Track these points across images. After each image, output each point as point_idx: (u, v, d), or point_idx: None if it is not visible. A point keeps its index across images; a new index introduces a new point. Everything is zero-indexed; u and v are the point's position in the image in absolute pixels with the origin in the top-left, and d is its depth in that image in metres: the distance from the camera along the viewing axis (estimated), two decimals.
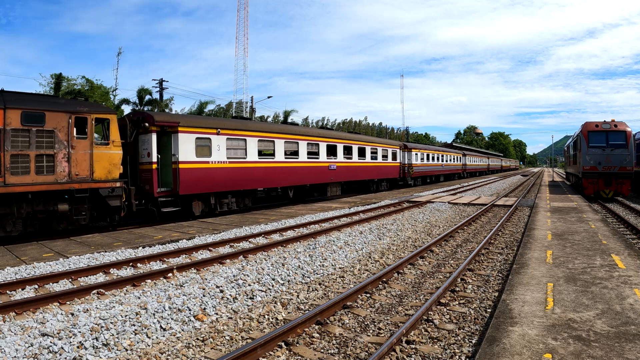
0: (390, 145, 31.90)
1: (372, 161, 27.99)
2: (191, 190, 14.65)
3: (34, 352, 4.67)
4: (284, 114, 54.77)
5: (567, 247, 9.15)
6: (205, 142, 15.29)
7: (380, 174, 29.39)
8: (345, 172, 24.26)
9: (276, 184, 18.83)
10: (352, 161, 25.27)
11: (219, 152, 15.67)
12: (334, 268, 8.67)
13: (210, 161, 15.31)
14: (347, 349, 5.05)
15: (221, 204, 16.11)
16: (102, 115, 12.53)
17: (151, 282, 7.49)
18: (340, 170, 23.58)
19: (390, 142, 33.50)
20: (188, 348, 5.04)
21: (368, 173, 27.54)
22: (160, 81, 39.02)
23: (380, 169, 29.49)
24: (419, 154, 37.60)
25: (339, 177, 23.65)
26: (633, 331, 4.62)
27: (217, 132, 15.63)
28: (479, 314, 6.05)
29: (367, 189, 28.61)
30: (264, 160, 18.04)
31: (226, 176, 15.84)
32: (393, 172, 31.78)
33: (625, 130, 22.14)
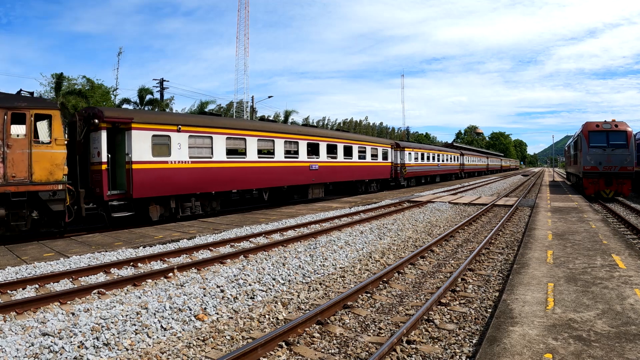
0: (380, 143, 29.81)
1: (359, 161, 26.08)
2: (147, 193, 13.32)
3: (35, 351, 4.68)
4: (284, 114, 54.80)
5: (567, 247, 9.14)
6: (164, 140, 13.89)
7: (369, 174, 27.53)
8: (329, 173, 22.51)
9: (248, 185, 17.30)
10: (337, 161, 23.46)
11: (179, 151, 14.25)
12: (335, 268, 8.67)
13: (170, 161, 13.92)
14: (347, 348, 5.05)
15: (184, 208, 14.72)
16: (43, 110, 11.34)
17: (152, 282, 7.49)
18: (323, 171, 21.84)
19: (381, 140, 31.39)
20: (189, 348, 5.04)
21: (355, 173, 25.66)
22: (161, 81, 39.06)
23: (369, 169, 27.51)
24: (413, 153, 35.82)
25: (322, 177, 21.84)
26: (633, 331, 4.62)
27: (178, 129, 14.22)
28: (479, 313, 6.05)
29: (355, 191, 27.01)
30: (233, 159, 16.47)
31: (189, 177, 14.45)
32: (384, 172, 29.78)
33: (626, 130, 22.13)
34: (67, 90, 33.48)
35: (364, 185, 27.60)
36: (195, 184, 14.79)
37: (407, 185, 35.13)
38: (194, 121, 15.45)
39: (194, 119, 15.99)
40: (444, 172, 46.93)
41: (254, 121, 24.49)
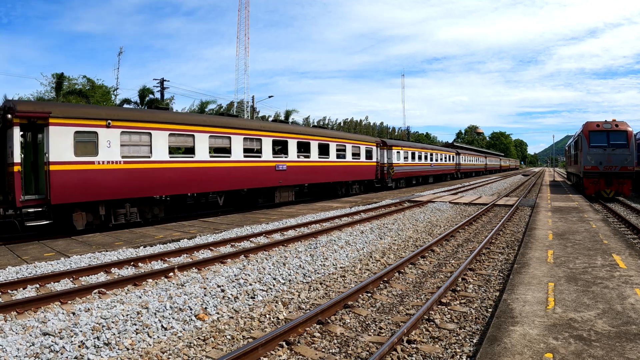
0: (363, 141, 27.23)
1: (338, 160, 23.63)
2: (69, 199, 11.61)
3: (36, 351, 4.68)
4: (284, 114, 54.81)
5: (568, 247, 9.14)
6: (90, 137, 12.03)
7: (350, 175, 25.03)
8: (300, 174, 20.09)
9: (198, 188, 15.16)
10: (310, 160, 20.96)
11: (109, 150, 12.34)
12: (335, 267, 8.67)
13: (97, 161, 12.08)
14: (348, 348, 5.05)
15: (116, 215, 12.91)
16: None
17: (152, 282, 7.50)
18: (292, 172, 19.45)
19: (364, 137, 28.75)
20: (189, 347, 5.04)
21: (333, 174, 23.19)
22: (161, 81, 39.07)
23: (350, 169, 25.02)
24: (402, 152, 33.21)
25: (291, 179, 19.48)
26: (634, 331, 4.62)
27: (107, 124, 12.32)
28: (480, 313, 6.05)
29: (334, 193, 24.64)
30: (179, 159, 14.48)
31: (121, 180, 12.59)
32: (367, 172, 27.16)
33: (627, 130, 22.12)
34: (68, 90, 33.50)
35: (344, 187, 25.40)
36: (130, 187, 12.92)
37: (396, 187, 32.91)
38: (128, 115, 13.42)
39: (128, 112, 13.86)
40: (438, 172, 44.54)
41: (205, 115, 22.08)
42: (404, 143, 36.26)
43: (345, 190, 25.53)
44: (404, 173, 33.68)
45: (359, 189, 27.23)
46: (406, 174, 34.42)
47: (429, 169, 40.51)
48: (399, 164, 32.45)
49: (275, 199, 18.94)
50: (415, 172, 36.61)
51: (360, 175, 26.38)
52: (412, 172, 35.90)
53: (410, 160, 35.08)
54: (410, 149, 35.52)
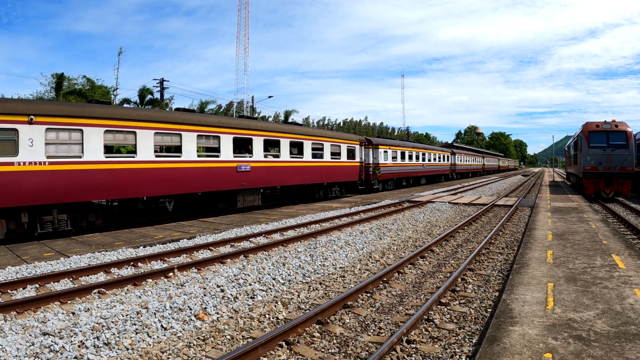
0: (344, 139, 24.74)
1: (315, 160, 21.33)
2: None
3: (35, 351, 4.68)
4: (284, 114, 54.85)
5: (567, 247, 9.15)
6: (8, 135, 10.66)
7: (328, 176, 22.63)
8: (267, 175, 18.03)
9: (139, 192, 13.33)
10: (279, 160, 18.88)
11: (31, 150, 10.91)
12: (335, 268, 8.68)
13: (17, 162, 10.67)
14: (347, 348, 5.06)
15: (42, 222, 11.44)
16: None
17: (152, 282, 7.50)
18: (258, 173, 17.41)
19: (345, 136, 26.22)
20: (189, 347, 5.05)
21: (307, 175, 20.85)
22: (161, 81, 39.09)
23: (329, 169, 22.56)
24: (390, 151, 30.77)
25: (257, 181, 17.45)
26: (633, 331, 4.62)
27: (30, 120, 10.87)
28: (479, 313, 6.06)
29: (311, 196, 22.39)
30: (116, 159, 12.71)
31: (46, 183, 11.11)
32: (349, 173, 24.74)
33: (626, 130, 22.15)
34: (68, 90, 33.51)
35: (322, 189, 23.05)
36: (58, 191, 11.39)
37: (383, 189, 30.51)
38: (54, 110, 11.64)
39: (55, 107, 12.00)
40: (431, 172, 41.99)
41: (151, 110, 20.03)
42: (392, 142, 33.31)
43: (323, 193, 23.19)
44: (392, 174, 31.42)
45: (340, 192, 24.98)
46: (395, 175, 32.13)
47: (420, 169, 38.23)
48: (387, 164, 30.13)
49: (237, 204, 16.85)
50: (405, 173, 34.40)
51: (340, 177, 24.04)
52: (402, 172, 33.65)
53: (399, 160, 32.84)
54: (399, 148, 33.11)
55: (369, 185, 28.81)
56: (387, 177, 30.53)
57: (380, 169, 28.79)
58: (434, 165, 42.61)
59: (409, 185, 36.49)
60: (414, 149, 37.10)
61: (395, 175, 32.17)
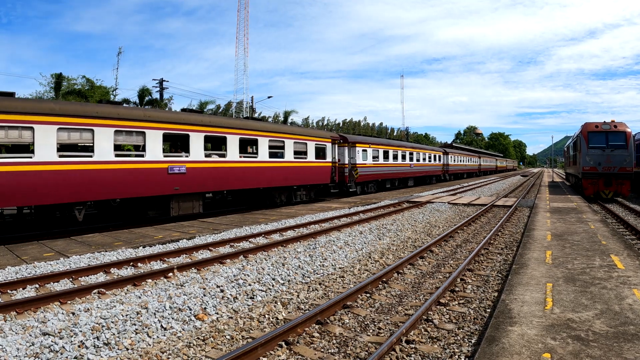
0: (312, 136, 21.76)
1: (272, 160, 18.57)
2: None
3: (35, 351, 4.69)
4: (284, 114, 54.87)
5: (566, 248, 9.17)
6: None
7: (291, 178, 19.79)
8: (209, 178, 15.47)
9: (38, 199, 11.20)
10: (226, 160, 16.20)
11: None
12: (334, 268, 8.69)
13: None
14: (347, 348, 5.07)
15: None
16: None
17: (152, 282, 7.51)
18: (197, 175, 14.94)
19: (314, 132, 23.07)
20: (189, 347, 5.06)
21: (263, 178, 18.03)
22: (161, 81, 39.08)
23: (292, 171, 19.71)
24: (370, 150, 27.93)
25: (195, 185, 14.92)
26: (632, 331, 4.64)
27: None
28: (478, 313, 6.07)
29: (271, 201, 19.43)
30: (5, 160, 10.63)
31: None
32: (318, 175, 21.86)
33: (625, 130, 22.19)
34: (67, 90, 33.52)
35: (284, 193, 20.21)
36: None
37: (363, 192, 27.83)
38: None
39: None
40: (420, 174, 39.03)
41: (54, 101, 16.95)
42: (372, 139, 30.11)
43: (286, 198, 20.44)
44: (372, 175, 28.46)
45: (307, 196, 21.98)
46: (376, 176, 29.19)
47: (407, 170, 35.27)
48: (366, 164, 27.40)
49: (171, 211, 14.40)
50: (388, 174, 31.37)
51: (307, 179, 21.15)
52: (384, 174, 30.66)
53: (381, 160, 29.97)
54: (381, 147, 30.12)
55: (344, 187, 25.98)
56: (367, 178, 27.67)
57: (357, 170, 25.99)
58: (423, 165, 39.83)
59: (394, 187, 33.60)
60: (399, 147, 33.95)
61: (376, 177, 29.33)
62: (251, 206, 19.58)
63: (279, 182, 19.11)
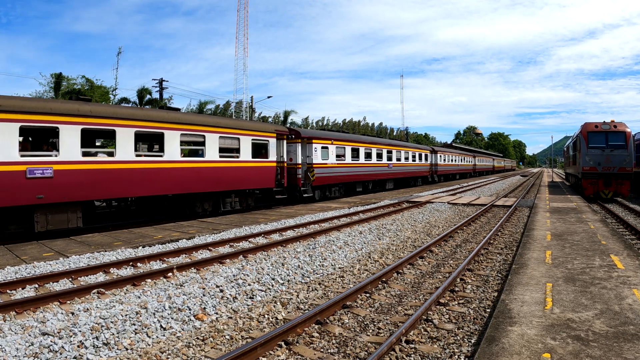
0: (246, 130, 17.14)
1: (188, 160, 14.81)
2: None
3: (35, 351, 4.68)
4: (283, 114, 54.91)
5: (566, 248, 9.17)
6: None
7: (216, 182, 15.58)
8: (89, 182, 12.06)
9: None
10: (115, 160, 12.76)
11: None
12: (334, 268, 8.69)
13: None
14: (346, 348, 5.06)
15: None
16: None
17: (151, 282, 7.50)
18: (71, 179, 11.63)
19: (249, 125, 18.18)
20: (188, 347, 5.05)
21: (174, 182, 14.20)
22: (160, 81, 39.08)
23: (216, 173, 15.52)
24: (333, 147, 23.22)
25: (68, 192, 11.59)
26: (631, 331, 4.64)
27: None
28: (478, 313, 6.07)
29: (191, 211, 15.37)
30: None
31: None
32: (257, 177, 17.54)
33: (625, 130, 22.20)
34: (67, 90, 33.52)
35: (208, 201, 15.90)
36: None
37: (322, 198, 22.79)
38: None
39: None
40: (402, 175, 33.83)
41: None
42: (335, 135, 24.88)
43: (212, 206, 16.16)
44: (336, 177, 23.24)
45: (242, 203, 17.39)
46: (341, 179, 23.99)
47: (384, 170, 30.25)
48: (326, 164, 22.45)
49: (35, 226, 11.13)
50: (359, 176, 26.21)
51: (240, 182, 16.79)
52: (353, 175, 25.47)
53: (349, 160, 25.00)
54: (348, 144, 25.02)
55: (296, 192, 21.00)
56: (328, 181, 22.75)
57: (314, 171, 21.14)
58: (406, 165, 34.80)
59: (367, 191, 28.60)
60: (374, 144, 28.83)
61: (342, 179, 24.21)
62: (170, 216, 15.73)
63: (198, 187, 14.97)
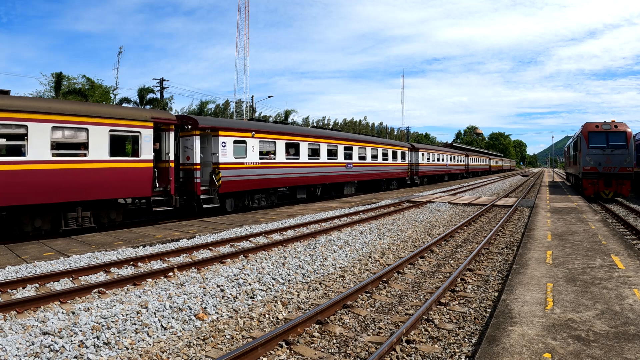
0: (101, 118, 12.54)
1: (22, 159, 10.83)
2: None
3: (35, 350, 4.68)
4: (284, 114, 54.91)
5: (566, 248, 9.16)
6: None
7: (52, 191, 11.32)
8: None
9: None
10: None
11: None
12: (334, 268, 8.68)
13: None
14: (347, 348, 5.06)
15: None
16: None
17: (152, 281, 7.50)
18: None
19: (104, 110, 13.13)
20: (189, 347, 5.05)
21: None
22: (161, 80, 39.08)
23: (49, 177, 11.28)
24: (253, 141, 17.47)
25: None
26: (632, 331, 4.63)
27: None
28: (478, 313, 6.07)
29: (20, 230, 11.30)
30: None
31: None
32: (122, 184, 13.01)
33: (626, 130, 22.18)
34: (67, 90, 33.53)
35: (44, 216, 11.67)
36: None
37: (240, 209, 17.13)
38: None
39: None
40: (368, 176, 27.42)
41: None
42: (256, 125, 18.45)
43: (51, 223, 11.89)
44: (256, 182, 17.65)
45: (96, 219, 12.78)
46: (266, 183, 18.19)
47: (340, 171, 23.93)
48: (242, 164, 16.90)
49: None
50: (297, 179, 20.22)
51: (92, 191, 12.23)
52: (287, 178, 19.61)
53: (282, 158, 19.25)
54: (278, 137, 19.10)
55: (192, 201, 15.55)
56: (245, 186, 17.04)
57: (220, 173, 15.80)
58: (373, 165, 28.28)
59: (314, 197, 22.74)
60: (322, 139, 22.15)
61: (269, 184, 18.41)
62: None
63: (19, 198, 10.77)
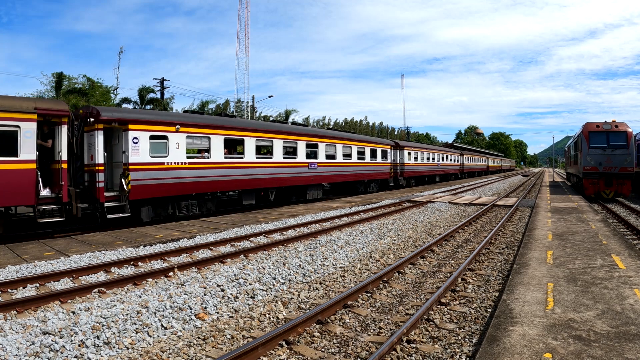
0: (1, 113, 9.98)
1: None
2: None
3: (36, 350, 4.68)
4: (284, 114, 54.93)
5: (567, 248, 9.15)
6: None
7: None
8: None
9: None
10: None
11: None
12: (335, 267, 8.68)
13: None
14: (347, 348, 5.06)
15: None
16: None
17: (152, 281, 7.50)
18: None
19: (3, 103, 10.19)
20: (189, 347, 5.05)
21: None
22: (162, 80, 39.07)
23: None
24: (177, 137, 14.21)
25: None
26: (633, 331, 4.63)
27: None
28: (479, 313, 6.06)
29: None
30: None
31: None
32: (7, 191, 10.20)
33: (626, 130, 22.17)
34: (68, 89, 33.55)
35: None
36: None
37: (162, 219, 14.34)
38: None
39: None
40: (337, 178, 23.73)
41: None
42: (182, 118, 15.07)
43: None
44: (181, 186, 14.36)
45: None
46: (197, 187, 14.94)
47: (301, 173, 20.21)
48: (162, 165, 13.77)
49: None
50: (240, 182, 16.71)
51: None
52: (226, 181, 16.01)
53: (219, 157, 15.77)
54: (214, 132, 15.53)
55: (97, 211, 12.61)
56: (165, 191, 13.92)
57: (129, 175, 12.80)
58: (345, 165, 24.33)
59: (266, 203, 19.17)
60: (277, 134, 18.63)
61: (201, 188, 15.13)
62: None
63: None
